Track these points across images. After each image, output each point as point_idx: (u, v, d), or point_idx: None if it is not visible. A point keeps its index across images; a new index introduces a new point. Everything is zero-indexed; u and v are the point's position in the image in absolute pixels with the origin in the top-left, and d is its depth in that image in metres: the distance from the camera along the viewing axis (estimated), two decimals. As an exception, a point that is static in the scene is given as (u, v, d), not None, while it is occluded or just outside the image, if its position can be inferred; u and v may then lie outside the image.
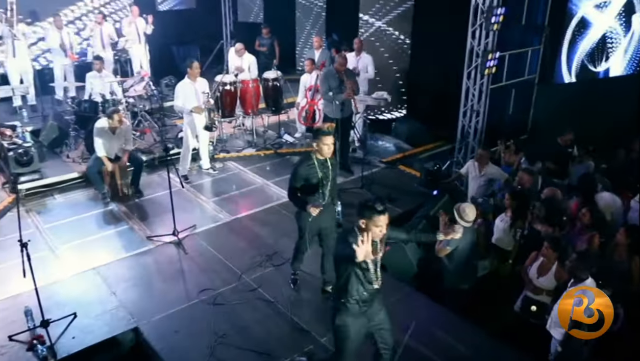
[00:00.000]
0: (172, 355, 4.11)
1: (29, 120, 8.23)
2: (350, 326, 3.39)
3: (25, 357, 4.11)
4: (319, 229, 4.58)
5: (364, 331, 3.48)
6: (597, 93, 9.16)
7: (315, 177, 4.31)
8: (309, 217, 4.33)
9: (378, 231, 3.20)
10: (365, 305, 3.39)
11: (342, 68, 6.77)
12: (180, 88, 6.85)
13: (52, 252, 5.50)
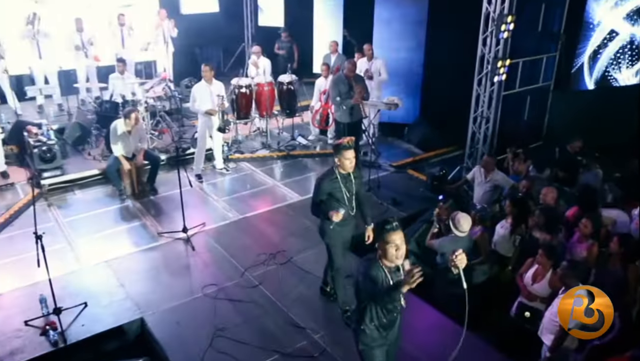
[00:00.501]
0: (173, 345, 4.35)
1: (54, 118, 8.64)
2: (373, 351, 3.37)
3: (38, 341, 4.41)
4: (345, 242, 4.62)
5: (385, 350, 3.45)
6: (614, 101, 9.07)
7: (339, 191, 4.35)
8: (333, 230, 4.39)
9: (393, 250, 3.05)
10: (385, 330, 3.35)
11: (351, 74, 6.93)
12: (196, 90, 7.13)
13: (69, 244, 5.82)
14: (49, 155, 6.90)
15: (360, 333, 3.33)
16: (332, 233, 4.46)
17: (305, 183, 7.49)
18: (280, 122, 9.06)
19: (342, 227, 4.44)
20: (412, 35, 8.78)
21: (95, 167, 7.32)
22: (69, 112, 8.70)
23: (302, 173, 7.84)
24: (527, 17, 8.46)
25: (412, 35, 8.78)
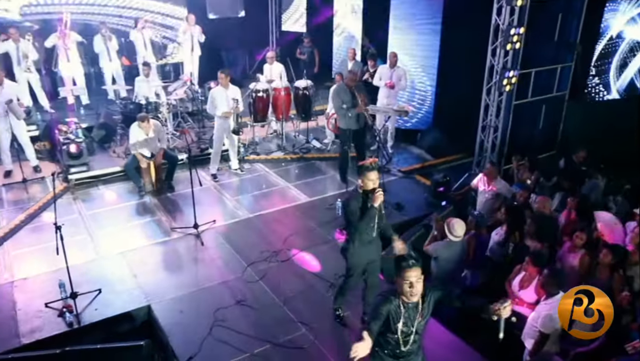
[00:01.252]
0: (175, 331, 4.73)
1: (84, 117, 9.21)
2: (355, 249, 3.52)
3: (56, 321, 4.86)
4: (366, 263, 4.61)
5: None
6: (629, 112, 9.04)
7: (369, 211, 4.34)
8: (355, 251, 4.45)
9: (407, 287, 3.05)
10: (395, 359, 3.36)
11: (352, 83, 7.21)
12: (213, 94, 7.54)
13: (90, 235, 6.29)
14: (76, 152, 7.41)
15: (374, 355, 3.33)
16: (354, 253, 4.51)
17: (316, 185, 7.80)
18: (297, 126, 9.40)
19: (364, 247, 4.47)
20: (427, 44, 8.97)
21: (118, 164, 7.80)
22: (97, 111, 9.25)
23: (314, 175, 8.15)
24: (543, 26, 8.57)
25: (427, 44, 8.97)
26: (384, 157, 8.54)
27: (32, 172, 7.71)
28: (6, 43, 8.77)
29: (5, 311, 4.99)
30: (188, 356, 4.42)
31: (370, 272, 4.69)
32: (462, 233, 5.24)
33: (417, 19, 8.92)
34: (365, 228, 4.40)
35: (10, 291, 5.29)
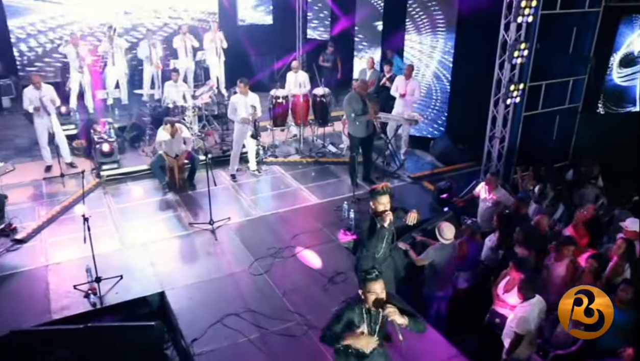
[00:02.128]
0: (184, 315, 5.29)
1: (119, 117, 9.95)
2: None
3: (82, 302, 5.50)
4: None
5: None
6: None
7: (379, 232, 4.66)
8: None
9: (373, 297, 3.39)
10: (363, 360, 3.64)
11: (363, 92, 7.63)
12: (234, 101, 8.10)
13: (116, 227, 6.95)
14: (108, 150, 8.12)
15: (335, 352, 3.71)
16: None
17: (327, 188, 8.25)
18: (315, 131, 9.88)
19: (379, 265, 4.67)
20: (441, 55, 9.31)
21: (146, 163, 8.45)
22: (131, 112, 9.98)
23: (326, 178, 8.61)
24: (559, 39, 8.78)
25: (441, 55, 9.31)
26: (395, 162, 8.95)
27: (66, 168, 8.43)
28: (68, 46, 9.61)
29: (39, 291, 5.67)
30: (193, 338, 4.96)
31: None
32: (451, 236, 5.60)
33: (433, 29, 9.25)
34: (375, 248, 4.72)
35: (45, 274, 5.97)
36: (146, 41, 10.36)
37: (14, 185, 7.68)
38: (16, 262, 6.20)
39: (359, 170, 8.28)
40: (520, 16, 7.20)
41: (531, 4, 7.18)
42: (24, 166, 8.29)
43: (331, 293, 5.67)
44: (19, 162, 8.28)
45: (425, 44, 9.46)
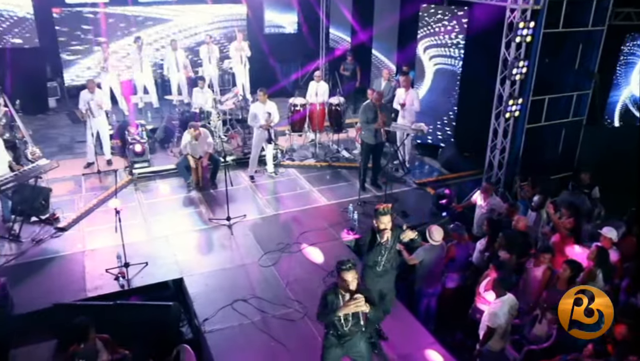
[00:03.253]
0: (199, 299, 6.06)
1: (151, 120, 10.86)
2: (328, 351, 4.42)
3: (112, 283, 6.32)
4: (380, 291, 5.32)
5: (340, 357, 4.43)
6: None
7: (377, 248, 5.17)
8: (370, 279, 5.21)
9: (346, 285, 4.04)
10: (343, 338, 4.33)
11: (378, 102, 8.26)
12: (253, 108, 8.86)
13: (144, 220, 7.79)
14: (140, 151, 9.00)
15: (325, 337, 4.45)
16: (369, 281, 5.20)
17: (336, 190, 8.91)
18: (331, 136, 10.56)
19: (377, 278, 5.26)
20: (450, 69, 9.85)
21: (174, 162, 9.28)
22: (162, 115, 10.87)
23: (337, 182, 9.27)
24: (566, 55, 9.22)
25: (450, 69, 9.85)
26: (402, 168, 9.55)
27: (106, 165, 9.36)
28: (99, 53, 10.56)
29: (77, 273, 6.54)
30: (205, 318, 5.72)
31: (384, 297, 5.39)
32: (440, 238, 6.18)
33: (443, 44, 9.81)
34: (373, 261, 5.19)
35: (82, 258, 6.84)
36: (172, 50, 11.22)
37: (57, 179, 8.61)
38: (58, 247, 7.10)
39: (368, 174, 8.93)
40: (518, 36, 7.70)
41: (529, 24, 7.67)
42: (65, 162, 9.18)
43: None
44: (61, 159, 9.19)
45: (436, 57, 10.01)
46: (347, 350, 4.44)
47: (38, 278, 6.44)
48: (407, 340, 5.62)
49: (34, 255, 6.91)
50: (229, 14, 13.30)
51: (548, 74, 9.07)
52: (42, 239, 7.22)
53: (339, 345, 4.40)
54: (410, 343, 5.58)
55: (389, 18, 11.52)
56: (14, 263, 6.70)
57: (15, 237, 7.17)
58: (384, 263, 5.25)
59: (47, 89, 12.21)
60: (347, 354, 4.49)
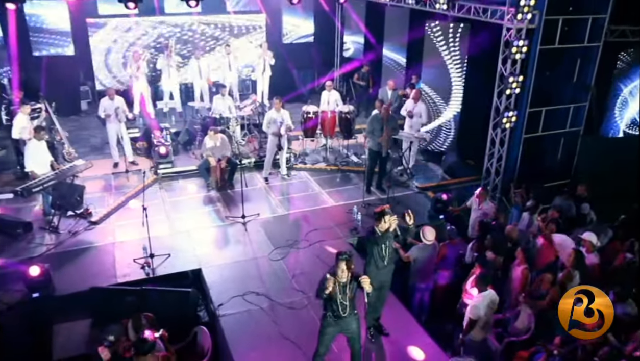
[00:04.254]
0: (215, 287, 6.83)
1: (175, 124, 11.70)
2: (325, 329, 5.19)
3: (139, 271, 7.14)
4: (380, 284, 5.93)
5: (335, 334, 5.23)
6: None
7: (378, 246, 5.77)
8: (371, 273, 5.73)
9: (340, 272, 4.86)
10: (339, 319, 5.08)
11: (385, 115, 8.95)
12: (267, 115, 9.62)
13: (167, 216, 8.60)
14: (164, 153, 9.84)
15: (323, 316, 5.24)
16: (370, 275, 5.55)
17: (344, 193, 9.61)
18: (341, 142, 11.26)
19: (378, 271, 5.86)
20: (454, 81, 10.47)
21: (195, 164, 10.10)
22: (185, 119, 11.71)
23: (345, 185, 9.97)
24: (564, 69, 9.78)
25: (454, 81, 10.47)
26: (406, 173, 10.21)
27: (132, 165, 10.21)
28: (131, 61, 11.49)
29: (108, 262, 7.38)
30: (219, 303, 6.49)
31: (383, 289, 6.06)
32: (432, 238, 6.84)
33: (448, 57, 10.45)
34: (376, 255, 5.78)
35: (112, 249, 7.68)
36: (194, 59, 12.05)
37: (90, 177, 9.47)
38: (91, 238, 7.96)
39: (373, 178, 9.61)
40: (514, 53, 8.29)
41: (524, 43, 8.25)
42: (96, 162, 9.96)
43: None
44: (92, 159, 10.04)
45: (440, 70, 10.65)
46: (341, 328, 5.22)
47: (74, 265, 7.31)
48: (399, 331, 6.30)
49: (70, 245, 7.78)
50: (249, 24, 14.10)
51: (547, 86, 9.66)
52: (77, 231, 8.09)
53: (335, 324, 5.17)
54: (402, 333, 6.25)
55: (398, 32, 12.18)
56: (53, 251, 7.57)
57: (54, 229, 8.05)
58: (387, 258, 5.86)
59: (80, 93, 13.18)
60: (341, 332, 5.25)
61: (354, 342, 5.43)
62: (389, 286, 6.27)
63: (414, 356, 6.00)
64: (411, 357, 5.99)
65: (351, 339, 5.38)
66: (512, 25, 8.27)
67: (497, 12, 8.52)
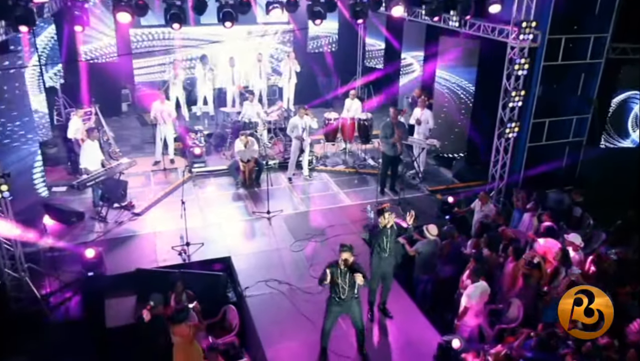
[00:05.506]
0: (242, 272, 7.86)
1: (208, 126, 12.79)
2: (330, 308, 6.14)
3: (176, 258, 8.19)
4: (383, 273, 6.96)
5: (339, 314, 6.17)
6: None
7: (382, 239, 6.79)
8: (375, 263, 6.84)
9: (341, 261, 5.82)
10: (341, 301, 6.01)
11: (395, 120, 9.83)
12: (292, 121, 10.61)
13: (200, 211, 9.66)
14: (198, 154, 10.92)
15: (329, 299, 6.21)
16: (374, 264, 6.90)
17: (360, 193, 10.53)
18: (360, 146, 12.18)
19: (381, 261, 6.86)
20: (464, 93, 11.29)
21: (225, 164, 11.15)
22: (217, 123, 12.79)
23: (361, 186, 10.89)
24: (569, 82, 10.55)
25: (464, 93, 11.29)
26: (418, 177, 11.06)
27: (169, 163, 11.31)
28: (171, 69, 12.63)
29: (150, 248, 8.47)
30: (246, 286, 7.49)
31: (385, 279, 7.05)
32: (435, 233, 7.69)
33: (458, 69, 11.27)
34: (379, 247, 6.79)
35: (154, 238, 8.77)
36: (229, 67, 13.11)
37: (132, 174, 10.55)
38: (135, 228, 9.07)
39: (387, 181, 10.50)
40: (518, 70, 9.07)
41: (526, 60, 9.02)
42: (137, 160, 11.18)
43: (345, 268, 7.99)
44: (133, 157, 11.13)
45: (451, 80, 11.47)
46: (344, 309, 6.16)
47: (121, 250, 8.42)
48: (402, 315, 7.20)
49: (117, 233, 8.90)
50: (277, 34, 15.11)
51: (553, 98, 10.41)
52: (123, 221, 9.22)
53: (338, 305, 6.12)
54: (404, 317, 7.16)
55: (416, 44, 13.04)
56: (103, 238, 8.69)
57: (103, 219, 9.18)
58: (388, 250, 6.80)
59: (121, 96, 14.38)
60: (344, 312, 6.19)
61: (355, 321, 6.37)
62: (392, 275, 7.17)
63: (414, 337, 6.88)
64: (411, 338, 6.87)
65: (353, 319, 6.31)
66: (515, 43, 9.05)
67: (504, 31, 9.29)
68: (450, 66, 11.51)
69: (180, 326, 5.71)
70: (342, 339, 6.60)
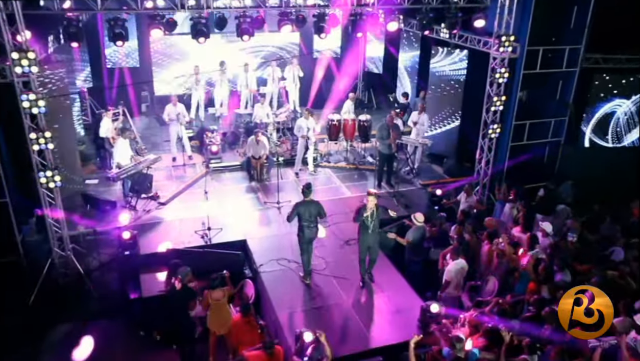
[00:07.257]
0: (257, 253, 9.11)
1: (223, 126, 14.03)
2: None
3: (199, 240, 9.38)
4: (368, 246, 8.25)
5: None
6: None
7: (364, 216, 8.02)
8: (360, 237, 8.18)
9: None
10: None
11: (390, 122, 11.07)
12: (298, 122, 11.85)
13: (218, 200, 10.88)
14: (215, 152, 12.18)
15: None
16: (360, 239, 8.24)
17: (359, 187, 11.75)
18: (360, 145, 13.40)
19: (366, 236, 8.11)
20: (455, 94, 12.52)
21: (239, 160, 12.39)
22: (230, 123, 14.04)
23: (360, 181, 12.12)
24: (549, 88, 11.73)
25: (455, 94, 12.52)
26: (411, 172, 12.29)
27: (188, 160, 12.56)
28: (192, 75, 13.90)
29: (175, 232, 9.72)
30: (260, 264, 8.75)
31: (371, 251, 8.35)
32: (422, 220, 8.90)
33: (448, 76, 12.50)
34: (364, 224, 8.00)
35: (178, 224, 10.03)
36: (244, 72, 14.36)
37: (154, 168, 11.79)
38: (161, 215, 10.34)
39: (383, 176, 11.72)
40: (499, 78, 10.29)
41: (506, 70, 10.24)
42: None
43: (345, 249, 9.27)
44: (155, 154, 12.43)
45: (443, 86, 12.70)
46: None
47: (151, 233, 9.68)
48: (395, 291, 8.42)
49: (146, 220, 10.16)
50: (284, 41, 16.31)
51: (533, 103, 11.61)
52: (150, 210, 10.48)
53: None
54: (399, 296, 8.37)
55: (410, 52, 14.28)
56: (134, 224, 9.93)
57: (133, 208, 10.45)
58: (371, 227, 8.07)
59: (141, 97, 15.63)
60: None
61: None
62: (376, 249, 8.43)
63: (403, 306, 8.11)
64: (400, 307, 8.10)
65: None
66: (497, 54, 10.27)
67: (488, 43, 10.51)
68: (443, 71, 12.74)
69: (216, 291, 6.97)
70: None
